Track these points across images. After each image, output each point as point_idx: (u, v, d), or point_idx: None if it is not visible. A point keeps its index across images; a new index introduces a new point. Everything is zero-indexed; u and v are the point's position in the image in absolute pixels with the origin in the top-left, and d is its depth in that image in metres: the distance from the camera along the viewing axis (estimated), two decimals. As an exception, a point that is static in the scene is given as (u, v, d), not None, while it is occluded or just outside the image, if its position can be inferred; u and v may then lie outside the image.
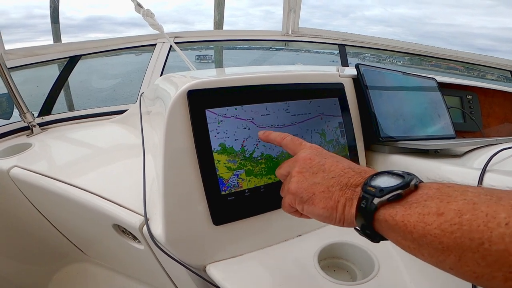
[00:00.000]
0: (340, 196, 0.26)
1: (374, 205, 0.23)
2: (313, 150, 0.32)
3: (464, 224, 0.18)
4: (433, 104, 0.67)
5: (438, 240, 0.19)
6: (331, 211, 0.27)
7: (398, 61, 1.95)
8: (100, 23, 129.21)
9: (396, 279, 0.39)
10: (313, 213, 0.28)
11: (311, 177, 0.29)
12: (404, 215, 0.21)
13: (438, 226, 0.19)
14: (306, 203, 0.29)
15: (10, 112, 0.84)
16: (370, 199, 0.23)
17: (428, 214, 0.20)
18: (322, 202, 0.27)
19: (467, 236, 0.18)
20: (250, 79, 0.44)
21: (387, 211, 0.22)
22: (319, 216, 0.28)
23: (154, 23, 0.89)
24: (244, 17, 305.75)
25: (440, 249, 0.19)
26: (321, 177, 0.28)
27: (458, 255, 0.18)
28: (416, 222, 0.20)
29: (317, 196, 0.28)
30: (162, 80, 0.58)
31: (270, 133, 0.37)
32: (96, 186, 0.53)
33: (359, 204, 0.24)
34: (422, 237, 0.20)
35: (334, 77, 0.53)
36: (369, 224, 0.24)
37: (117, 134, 0.83)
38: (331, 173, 0.28)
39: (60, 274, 0.86)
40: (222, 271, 0.40)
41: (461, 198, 0.19)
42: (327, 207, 0.27)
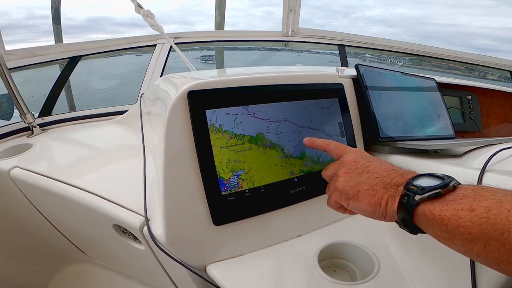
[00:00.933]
0: (383, 194, 0.29)
1: (415, 201, 0.26)
2: (358, 154, 0.35)
3: (491, 217, 0.22)
4: (432, 104, 0.67)
5: (468, 231, 0.22)
6: (375, 206, 0.29)
7: (399, 62, 1.96)
8: (101, 23, 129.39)
9: (395, 279, 0.39)
10: (358, 208, 0.31)
11: (357, 177, 0.32)
12: (441, 210, 0.25)
13: (469, 219, 0.23)
14: (352, 199, 0.31)
15: (11, 112, 0.84)
16: (412, 196, 0.26)
17: (462, 210, 0.23)
18: (367, 198, 0.30)
19: (491, 228, 0.21)
20: (250, 80, 0.44)
21: (427, 206, 0.26)
22: (364, 211, 0.31)
23: (154, 23, 0.89)
24: (245, 18, 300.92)
25: (470, 239, 0.22)
26: (366, 177, 0.32)
27: (484, 243, 0.22)
28: (451, 216, 0.24)
29: (362, 193, 0.31)
30: (162, 80, 0.58)
31: (315, 139, 0.41)
32: (97, 187, 0.53)
33: (401, 200, 0.27)
34: (455, 228, 0.23)
35: (333, 77, 0.53)
36: (410, 217, 0.27)
37: (117, 135, 0.83)
38: (375, 173, 0.31)
39: (61, 275, 0.86)
40: (223, 271, 0.40)
41: (491, 197, 0.23)
42: (371, 203, 0.30)
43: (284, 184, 0.44)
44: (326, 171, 0.38)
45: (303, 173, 0.45)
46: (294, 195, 0.44)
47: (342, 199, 0.33)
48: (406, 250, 0.43)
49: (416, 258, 0.41)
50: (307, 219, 0.47)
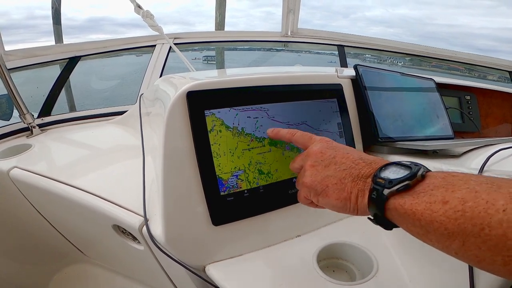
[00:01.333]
0: (352, 187, 0.28)
1: (385, 196, 0.24)
2: (323, 143, 0.33)
3: (467, 211, 0.19)
4: (431, 104, 0.67)
5: (444, 226, 0.20)
6: (345, 202, 0.28)
7: (399, 62, 1.96)
8: (102, 24, 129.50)
9: (395, 279, 0.39)
10: (327, 204, 0.30)
11: (324, 170, 0.31)
12: (412, 204, 0.23)
13: (443, 213, 0.21)
14: (321, 195, 0.30)
15: (10, 113, 0.84)
16: (380, 190, 0.25)
17: (434, 203, 0.21)
18: (336, 193, 0.29)
19: (469, 222, 0.19)
20: (249, 80, 0.44)
21: (397, 200, 0.24)
22: (334, 206, 0.30)
23: (154, 24, 0.89)
24: (245, 18, 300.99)
25: (446, 235, 0.20)
26: (333, 170, 0.30)
27: (462, 240, 0.20)
28: (424, 210, 0.22)
29: (330, 188, 0.29)
30: (161, 81, 0.58)
31: (279, 130, 0.39)
32: (96, 187, 0.53)
33: (370, 195, 0.26)
34: (429, 223, 0.21)
35: (332, 78, 0.53)
36: (381, 213, 0.25)
37: (116, 135, 0.83)
38: (343, 165, 0.30)
39: (60, 275, 0.86)
40: (222, 271, 0.40)
41: (464, 186, 0.21)
42: (341, 198, 0.28)
43: (283, 185, 0.44)
44: (293, 164, 0.35)
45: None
46: (293, 195, 0.44)
47: (311, 195, 0.32)
48: (405, 250, 0.43)
49: (415, 258, 0.41)
50: (306, 220, 0.47)
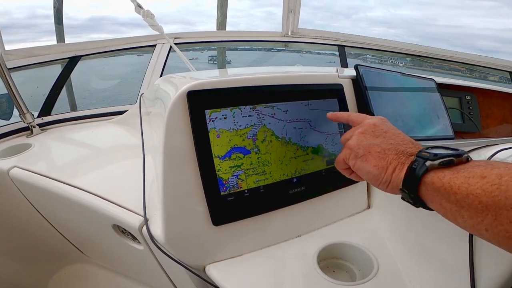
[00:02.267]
0: (393, 159, 0.28)
1: (426, 167, 0.25)
2: (379, 119, 0.34)
3: (503, 184, 0.20)
4: (432, 105, 0.67)
5: (478, 200, 0.21)
6: (381, 171, 0.28)
7: (400, 63, 1.96)
8: (103, 23, 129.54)
9: (395, 279, 0.39)
10: (363, 170, 0.30)
11: (371, 138, 0.31)
12: (451, 178, 0.23)
13: (480, 187, 0.21)
14: (360, 158, 0.31)
15: (10, 112, 0.84)
16: (423, 162, 0.25)
17: (473, 177, 0.22)
18: (375, 160, 0.29)
19: (503, 195, 0.20)
20: (249, 80, 0.44)
21: (436, 174, 0.24)
22: (368, 173, 0.30)
23: (154, 24, 0.89)
24: (246, 18, 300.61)
25: (480, 209, 0.21)
26: (380, 140, 0.30)
27: (494, 213, 0.20)
28: (461, 184, 0.22)
29: (372, 155, 0.30)
30: (162, 81, 0.58)
31: (337, 113, 0.41)
32: (96, 187, 0.53)
33: (411, 166, 0.26)
34: (465, 197, 0.22)
35: (333, 78, 0.53)
36: (416, 186, 0.25)
37: (116, 135, 0.83)
38: (391, 139, 0.30)
39: (60, 275, 0.86)
40: (222, 271, 0.40)
41: (503, 166, 0.22)
42: (378, 166, 0.29)
43: (283, 185, 0.44)
44: (345, 135, 0.36)
45: (302, 173, 0.45)
46: (293, 196, 0.45)
47: (350, 158, 0.32)
48: (405, 250, 0.43)
49: (415, 259, 0.41)
50: (306, 220, 0.47)
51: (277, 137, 0.44)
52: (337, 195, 0.49)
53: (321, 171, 0.47)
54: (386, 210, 0.50)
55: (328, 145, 0.48)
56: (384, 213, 0.50)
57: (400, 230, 0.46)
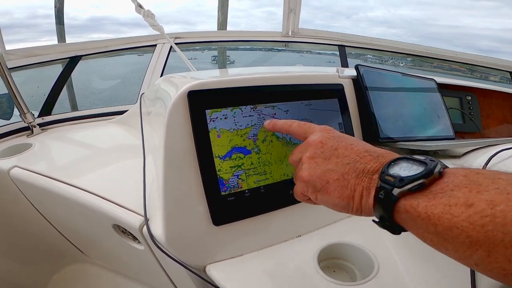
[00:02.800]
0: (356, 185, 0.25)
1: (394, 196, 0.21)
2: (324, 133, 0.29)
3: (498, 216, 0.16)
4: (432, 105, 0.67)
5: (466, 234, 0.17)
6: (348, 201, 0.25)
7: (401, 63, 1.96)
8: (104, 23, 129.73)
9: (395, 279, 0.39)
10: (327, 203, 0.27)
11: (324, 163, 0.27)
12: (427, 206, 0.19)
13: (466, 219, 0.17)
14: (320, 192, 0.27)
15: (11, 112, 0.84)
16: (389, 190, 0.22)
17: (456, 205, 0.18)
18: (337, 191, 0.26)
19: (500, 230, 0.16)
20: (250, 80, 0.44)
21: (408, 202, 0.21)
22: (335, 205, 0.27)
23: (155, 23, 0.89)
24: (246, 18, 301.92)
25: (468, 243, 0.17)
26: (334, 163, 0.27)
27: (487, 250, 0.17)
28: (441, 214, 0.19)
29: (331, 185, 0.26)
30: (162, 80, 0.58)
31: (276, 122, 0.36)
32: (96, 187, 0.53)
33: (377, 195, 0.23)
34: (448, 230, 0.18)
35: (333, 78, 0.53)
36: (389, 216, 0.22)
37: (117, 135, 0.83)
38: (346, 158, 0.26)
39: (60, 275, 0.86)
40: (222, 272, 0.40)
41: (492, 187, 0.18)
42: (343, 197, 0.25)
43: (284, 185, 0.44)
44: (292, 156, 0.32)
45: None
46: (293, 196, 0.44)
47: (309, 191, 0.28)
48: (406, 250, 0.43)
49: (415, 259, 0.41)
50: (307, 220, 0.47)
51: (277, 137, 0.44)
52: (337, 195, 0.49)
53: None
54: (387, 210, 0.50)
55: (328, 145, 0.48)
56: (385, 213, 0.50)
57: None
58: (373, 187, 0.24)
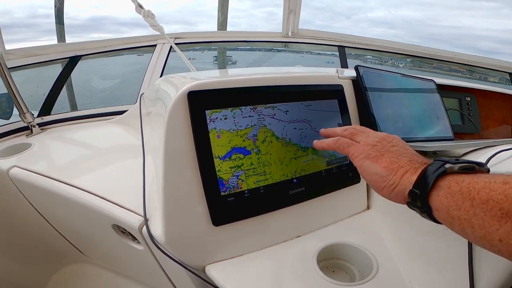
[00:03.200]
0: (405, 165, 0.27)
1: (444, 169, 0.24)
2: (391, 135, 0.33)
3: None
4: (432, 105, 0.67)
5: (499, 206, 0.20)
6: (390, 172, 0.28)
7: (400, 63, 1.96)
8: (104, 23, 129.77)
9: (394, 279, 0.39)
10: (369, 170, 0.29)
11: (387, 146, 0.30)
12: (471, 182, 0.22)
13: (502, 192, 0.20)
14: (371, 159, 0.30)
15: (10, 112, 0.84)
16: (441, 164, 0.24)
17: (495, 183, 0.21)
18: (386, 163, 0.28)
19: None
20: (250, 81, 0.44)
21: (454, 178, 0.23)
22: (375, 174, 0.29)
23: (155, 24, 0.89)
24: (247, 19, 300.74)
25: (499, 216, 0.20)
26: (395, 150, 0.30)
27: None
28: (481, 188, 0.21)
29: (384, 158, 0.29)
30: (162, 81, 0.58)
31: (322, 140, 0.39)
32: (96, 187, 0.53)
33: (427, 167, 0.25)
34: (484, 203, 0.21)
35: (333, 78, 0.53)
36: (428, 189, 0.24)
37: (116, 135, 0.83)
38: (406, 150, 0.30)
39: (59, 275, 0.86)
40: (222, 272, 0.40)
41: None
42: (388, 168, 0.28)
43: (284, 185, 0.44)
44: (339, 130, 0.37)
45: (302, 174, 0.45)
46: (293, 196, 0.45)
47: (359, 156, 0.31)
48: (404, 250, 0.43)
49: (414, 259, 0.41)
50: (306, 220, 0.47)
51: (277, 137, 0.44)
52: (336, 196, 0.49)
53: (321, 172, 0.47)
54: (386, 211, 0.50)
55: (328, 145, 0.48)
56: (384, 214, 0.50)
57: (399, 231, 0.46)
58: (422, 168, 0.26)
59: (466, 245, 0.34)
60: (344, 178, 0.49)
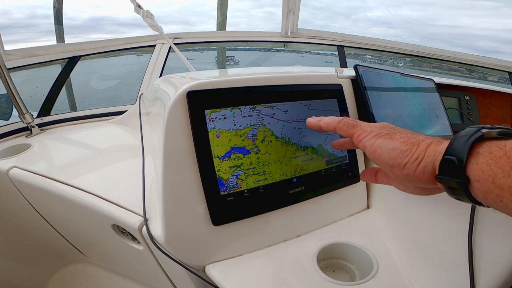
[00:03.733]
0: (425, 138, 0.24)
1: (481, 134, 0.20)
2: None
3: None
4: (431, 105, 0.67)
5: None
6: (411, 146, 0.24)
7: (399, 63, 1.96)
8: (103, 23, 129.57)
9: (394, 279, 0.39)
10: (386, 147, 0.25)
11: (394, 128, 0.27)
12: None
13: None
14: (384, 136, 0.26)
15: (9, 112, 0.84)
16: (477, 129, 0.21)
17: None
18: (402, 138, 0.25)
19: None
20: (249, 80, 0.44)
21: (494, 143, 0.20)
22: (394, 149, 0.25)
23: (154, 24, 0.89)
24: (246, 18, 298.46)
25: None
26: (405, 130, 0.27)
27: None
28: None
29: (397, 134, 0.26)
30: (161, 81, 0.58)
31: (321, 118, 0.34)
32: (95, 187, 0.53)
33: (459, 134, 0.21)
34: None
35: (332, 78, 0.53)
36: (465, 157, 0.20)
37: (116, 135, 0.83)
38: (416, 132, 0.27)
39: (59, 275, 0.86)
40: (221, 272, 0.40)
41: None
42: (407, 142, 0.24)
43: (283, 185, 0.44)
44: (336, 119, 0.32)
45: (302, 173, 0.45)
46: (293, 196, 0.45)
47: (367, 136, 0.27)
48: (404, 250, 0.43)
49: (414, 258, 0.41)
50: (306, 220, 0.47)
51: (276, 137, 0.44)
52: (336, 195, 0.49)
53: (320, 171, 0.47)
54: (386, 210, 0.50)
55: (327, 145, 0.48)
56: (384, 213, 0.51)
57: (399, 230, 0.46)
58: (445, 141, 0.23)
59: (466, 244, 0.34)
60: (344, 177, 0.49)
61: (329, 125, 0.33)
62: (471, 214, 0.34)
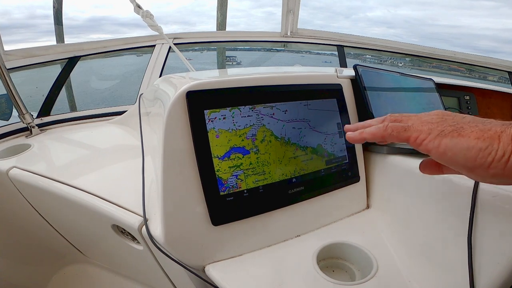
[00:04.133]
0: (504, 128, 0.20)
1: None
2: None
3: None
4: (431, 104, 0.67)
5: None
6: (491, 141, 0.20)
7: (399, 63, 1.96)
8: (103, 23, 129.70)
9: (394, 279, 0.39)
10: (458, 147, 0.21)
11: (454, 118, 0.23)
12: None
13: None
14: (449, 135, 0.22)
15: (9, 113, 0.84)
16: None
17: None
18: (475, 133, 0.21)
19: None
20: (248, 80, 0.44)
21: None
22: (469, 149, 0.21)
23: (153, 24, 0.89)
24: (246, 18, 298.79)
25: None
26: (468, 119, 0.23)
27: None
28: None
29: (466, 129, 0.22)
30: (161, 81, 0.58)
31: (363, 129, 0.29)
32: (95, 187, 0.53)
33: None
34: None
35: (332, 78, 0.53)
36: None
37: (116, 135, 0.83)
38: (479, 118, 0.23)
39: (59, 275, 0.86)
40: (221, 272, 0.40)
41: None
42: (484, 137, 0.20)
43: (283, 185, 0.44)
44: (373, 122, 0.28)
45: (302, 173, 0.45)
46: (292, 196, 0.45)
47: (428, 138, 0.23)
48: (404, 250, 0.43)
49: (414, 258, 0.41)
50: (306, 220, 0.47)
51: (276, 137, 0.44)
52: (336, 195, 0.49)
53: (320, 171, 0.47)
54: (385, 210, 0.50)
55: (327, 145, 0.48)
56: (383, 213, 0.51)
57: (399, 230, 0.46)
58: None
59: (466, 244, 0.34)
60: (344, 177, 0.49)
61: (376, 135, 0.27)
62: (471, 214, 0.34)
